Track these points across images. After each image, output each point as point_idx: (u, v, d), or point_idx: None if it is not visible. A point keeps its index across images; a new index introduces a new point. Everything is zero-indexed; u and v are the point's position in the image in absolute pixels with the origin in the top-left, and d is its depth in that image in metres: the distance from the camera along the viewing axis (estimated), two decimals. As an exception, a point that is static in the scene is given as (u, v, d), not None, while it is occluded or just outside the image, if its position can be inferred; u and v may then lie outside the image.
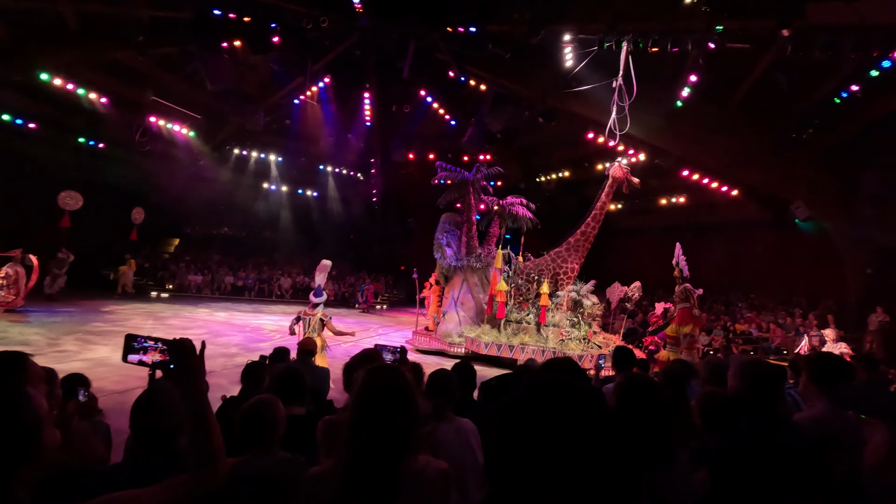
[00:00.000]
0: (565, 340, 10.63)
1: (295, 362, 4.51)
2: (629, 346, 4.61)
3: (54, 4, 10.79)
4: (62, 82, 13.30)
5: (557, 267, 12.12)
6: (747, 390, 1.96)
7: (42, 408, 0.99)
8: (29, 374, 1.38)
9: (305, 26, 12.01)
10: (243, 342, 10.91)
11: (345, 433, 1.43)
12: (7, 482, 0.90)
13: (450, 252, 12.58)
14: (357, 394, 1.46)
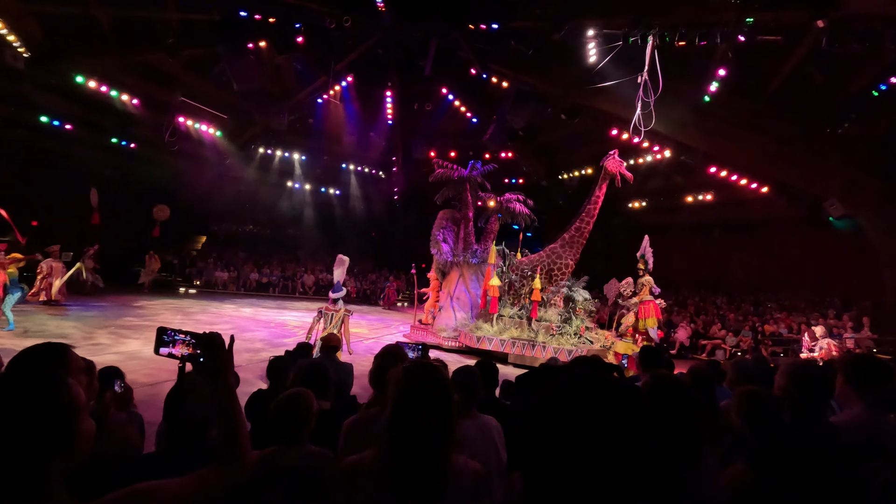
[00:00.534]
0: (555, 335, 10.72)
1: (319, 358, 4.57)
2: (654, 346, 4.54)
3: (90, 9, 11.14)
4: (96, 84, 13.76)
5: (552, 263, 12.08)
6: (795, 391, 1.95)
7: (80, 397, 1.03)
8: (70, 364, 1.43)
9: (329, 26, 12.14)
10: (268, 338, 11.11)
11: (386, 429, 1.44)
12: (42, 468, 0.93)
13: (446, 248, 12.78)
14: (398, 391, 1.46)
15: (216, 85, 15.30)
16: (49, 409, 0.95)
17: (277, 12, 12.11)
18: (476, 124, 18.38)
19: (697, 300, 17.30)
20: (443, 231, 13.01)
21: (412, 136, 20.42)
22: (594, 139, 16.95)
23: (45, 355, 1.38)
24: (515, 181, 22.50)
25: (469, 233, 12.70)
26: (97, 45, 12.55)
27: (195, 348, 1.49)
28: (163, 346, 1.50)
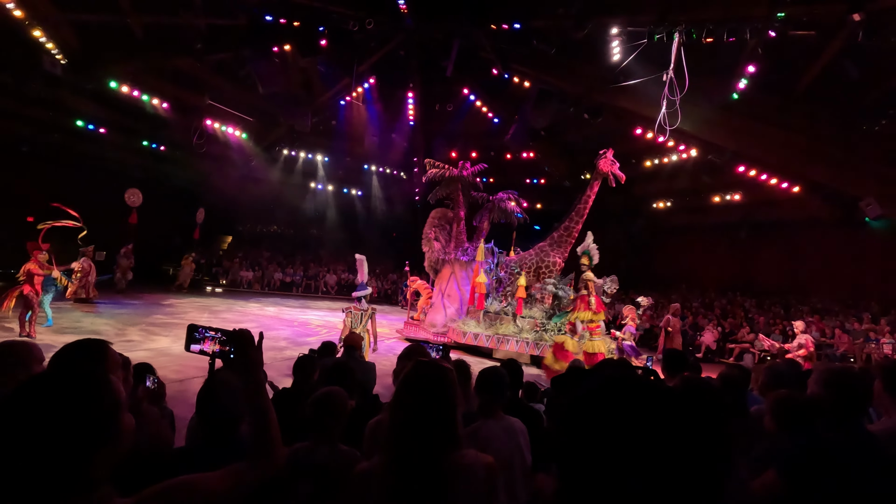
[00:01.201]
0: (539, 331, 10.88)
1: (343, 356, 4.62)
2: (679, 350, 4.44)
3: (123, 17, 11.50)
4: (128, 89, 14.21)
5: (540, 261, 12.37)
6: (831, 398, 1.88)
7: (122, 393, 1.06)
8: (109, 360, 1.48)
9: (352, 28, 12.27)
10: (292, 336, 11.28)
11: (386, 428, 1.45)
12: (88, 463, 0.96)
13: (438, 246, 13.00)
14: (398, 388, 1.48)
15: (242, 88, 15.63)
16: (94, 405, 0.98)
17: (302, 16, 12.29)
18: (498, 124, 18.32)
19: (724, 302, 16.89)
20: (435, 229, 13.25)
21: (434, 137, 20.48)
22: (618, 139, 16.69)
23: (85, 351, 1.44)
24: (537, 181, 22.35)
25: (461, 231, 12.97)
26: (129, 50, 12.95)
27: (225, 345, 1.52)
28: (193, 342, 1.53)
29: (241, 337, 1.37)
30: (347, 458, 1.93)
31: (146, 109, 15.48)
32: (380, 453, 1.49)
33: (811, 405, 1.98)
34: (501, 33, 12.72)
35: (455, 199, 13.03)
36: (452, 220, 13.15)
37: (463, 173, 12.78)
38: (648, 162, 16.79)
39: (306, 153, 21.36)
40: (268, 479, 1.27)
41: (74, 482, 0.94)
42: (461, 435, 1.48)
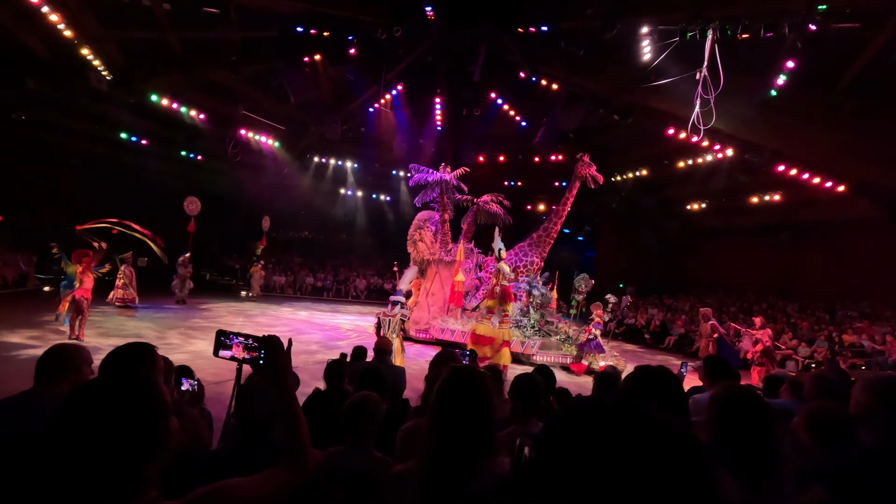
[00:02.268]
0: (511, 327, 10.93)
1: (374, 361, 4.67)
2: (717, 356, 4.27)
3: (162, 33, 12.01)
4: (168, 102, 14.81)
5: (518, 261, 12.79)
6: (882, 409, 1.76)
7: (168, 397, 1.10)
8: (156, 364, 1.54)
9: (380, 36, 12.44)
10: (323, 340, 11.47)
11: (424, 434, 1.45)
12: (140, 467, 0.98)
13: (422, 246, 13.37)
14: (435, 395, 1.48)
15: (274, 98, 16.05)
16: (148, 411, 1.01)
17: (331, 26, 12.55)
18: (525, 128, 18.21)
19: (764, 307, 16.24)
20: (420, 231, 13.60)
21: (461, 142, 20.51)
22: (649, 139, 16.37)
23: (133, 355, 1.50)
24: (566, 184, 22.09)
25: (445, 233, 13.35)
26: (169, 65, 13.51)
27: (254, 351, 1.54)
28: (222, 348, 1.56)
29: (271, 343, 1.38)
30: (381, 464, 1.94)
31: (184, 121, 16.12)
32: (416, 457, 1.49)
33: (850, 418, 1.86)
34: (528, 36, 12.66)
35: (440, 201, 13.42)
36: (436, 221, 13.57)
37: (445, 177, 13.12)
38: (681, 163, 16.32)
39: (336, 160, 21.74)
40: (302, 483, 1.28)
41: (127, 485, 0.96)
42: (495, 441, 1.48)
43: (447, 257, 12.96)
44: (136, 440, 0.98)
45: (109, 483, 0.94)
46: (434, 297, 12.95)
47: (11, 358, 7.13)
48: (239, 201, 20.83)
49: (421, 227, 13.72)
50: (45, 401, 1.90)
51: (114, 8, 10.76)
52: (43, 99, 13.22)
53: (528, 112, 17.56)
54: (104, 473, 0.94)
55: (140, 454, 0.98)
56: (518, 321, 11.52)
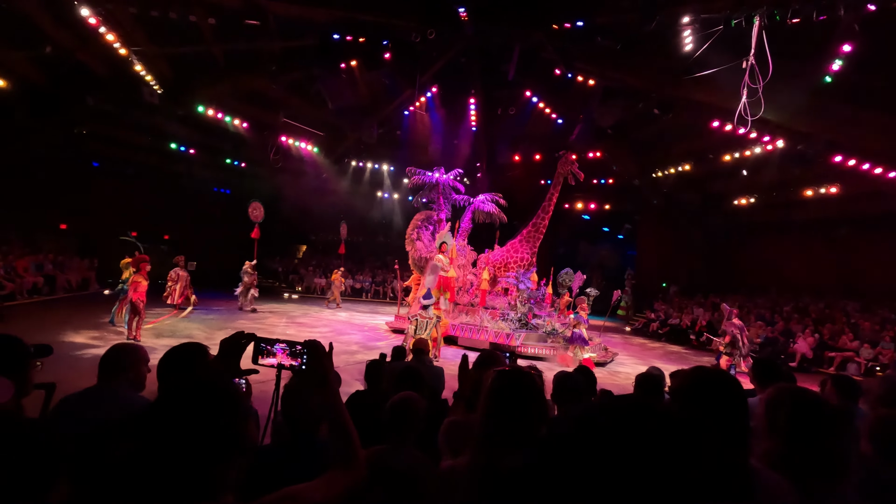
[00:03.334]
0: (497, 321, 11.84)
1: (412, 361, 4.71)
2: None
3: (207, 46, 12.56)
4: (213, 112, 15.47)
5: (509, 257, 13.43)
6: None
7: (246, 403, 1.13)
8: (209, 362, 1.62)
9: (414, 40, 12.56)
10: (363, 340, 11.67)
11: (477, 434, 1.46)
12: (223, 471, 1.00)
13: (420, 245, 13.95)
14: (488, 396, 1.48)
15: (313, 105, 16.49)
16: (231, 416, 1.03)
17: (367, 32, 12.78)
18: (562, 125, 17.94)
19: (822, 307, 15.35)
20: (418, 230, 14.18)
21: (496, 142, 20.43)
22: (692, 133, 15.78)
23: (188, 354, 1.59)
24: (605, 182, 21.60)
25: (456, 233, 13.96)
26: (213, 76, 14.12)
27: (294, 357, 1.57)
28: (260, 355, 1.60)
29: (314, 348, 1.40)
30: (424, 463, 1.96)
31: (228, 130, 16.81)
32: (467, 455, 1.50)
33: None
34: (563, 32, 12.47)
35: (437, 202, 14.01)
36: (433, 220, 14.14)
37: (441, 178, 13.71)
38: (727, 156, 15.63)
39: (373, 163, 22.09)
40: (359, 484, 1.28)
41: (209, 488, 0.98)
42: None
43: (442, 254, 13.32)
44: (219, 444, 1.00)
45: (193, 485, 0.96)
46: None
47: (76, 357, 7.62)
48: (280, 206, 21.49)
49: (419, 226, 14.26)
50: (108, 396, 2.08)
51: (163, 25, 11.33)
52: (101, 114, 14.08)
53: (565, 109, 17.29)
54: (188, 475, 0.96)
55: (222, 458, 1.00)
56: (505, 314, 12.06)
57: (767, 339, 13.67)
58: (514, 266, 13.24)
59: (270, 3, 11.09)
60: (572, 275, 13.07)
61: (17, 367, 1.67)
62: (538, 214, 13.38)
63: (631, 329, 18.57)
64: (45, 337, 2.09)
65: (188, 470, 0.97)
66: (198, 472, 0.97)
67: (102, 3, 10.18)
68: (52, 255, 15.29)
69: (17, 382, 1.64)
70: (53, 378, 2.12)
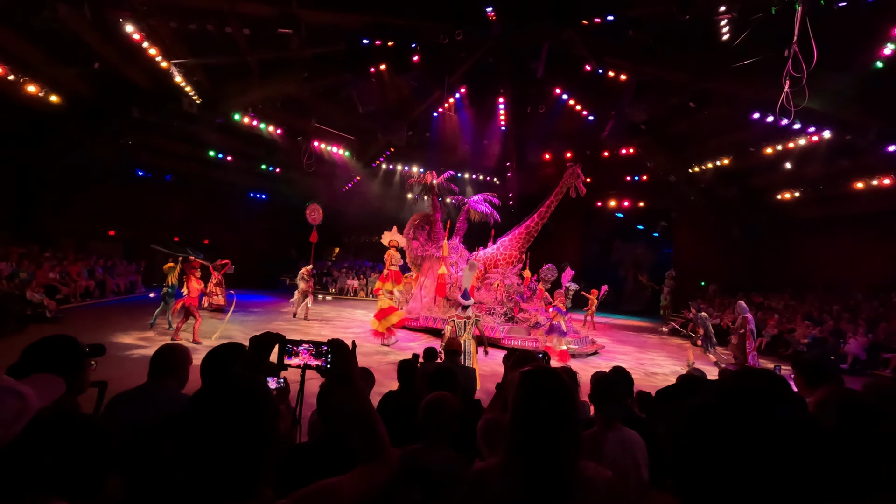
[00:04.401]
0: (484, 314, 12.19)
1: (445, 362, 4.73)
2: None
3: (242, 56, 12.97)
4: (248, 120, 15.96)
5: (499, 255, 13.97)
6: None
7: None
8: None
9: (442, 41, 12.60)
10: (396, 341, 11.77)
11: (508, 434, 1.45)
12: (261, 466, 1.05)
13: (416, 244, 14.58)
14: (518, 395, 1.47)
15: (344, 109, 16.78)
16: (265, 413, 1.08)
17: (395, 35, 12.91)
18: (593, 122, 17.62)
19: (876, 305, 14.51)
20: (414, 230, 14.83)
21: (526, 141, 20.26)
22: (731, 126, 15.20)
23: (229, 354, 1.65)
24: (638, 178, 21.10)
25: (437, 231, 14.38)
26: (248, 85, 14.55)
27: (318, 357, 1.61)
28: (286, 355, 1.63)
29: (338, 346, 1.44)
30: (459, 462, 1.97)
31: (263, 136, 17.31)
32: (499, 455, 1.50)
33: None
34: (593, 28, 12.26)
35: (432, 202, 14.58)
36: (430, 221, 14.75)
37: (434, 181, 14.27)
38: (769, 149, 14.97)
39: (403, 165, 22.29)
40: (389, 479, 1.30)
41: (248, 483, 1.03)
42: (582, 446, 1.45)
43: (437, 254, 13.93)
44: (256, 440, 1.04)
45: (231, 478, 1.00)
46: (427, 290, 14.11)
47: (125, 357, 8.00)
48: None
49: (415, 226, 14.94)
50: (156, 394, 2.21)
51: (201, 37, 11.76)
52: (145, 125, 14.73)
53: (596, 106, 16.98)
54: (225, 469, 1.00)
55: (259, 453, 1.04)
56: (491, 308, 12.74)
57: (815, 339, 13.04)
58: (503, 263, 13.87)
59: (302, 11, 11.33)
60: (555, 270, 13.87)
61: (74, 366, 1.77)
62: (533, 219, 13.76)
63: (668, 329, 18.05)
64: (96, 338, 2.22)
65: (224, 464, 1.00)
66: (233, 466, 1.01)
67: (145, 19, 10.65)
68: (102, 261, 16.11)
69: (74, 380, 1.74)
70: (104, 377, 2.23)
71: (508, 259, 13.87)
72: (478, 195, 15.08)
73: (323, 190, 21.10)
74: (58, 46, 11.25)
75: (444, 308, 13.26)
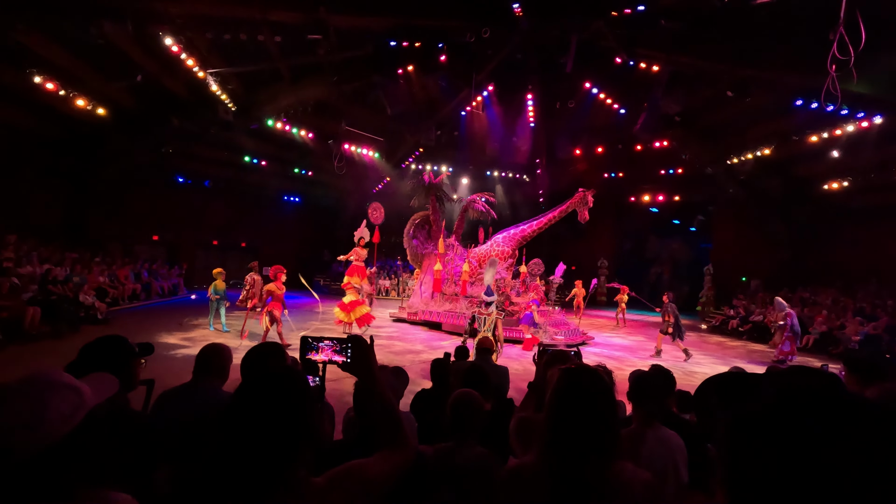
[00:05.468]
0: (475, 307, 12.67)
1: (476, 360, 4.73)
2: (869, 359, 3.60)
3: (273, 63, 13.30)
4: (281, 125, 16.37)
5: (493, 251, 14.44)
6: None
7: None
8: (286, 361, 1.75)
9: (469, 40, 12.58)
10: (427, 340, 11.85)
11: (544, 433, 1.44)
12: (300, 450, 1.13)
13: (416, 243, 15.59)
14: (555, 393, 1.46)
15: (372, 111, 16.99)
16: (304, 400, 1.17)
17: (422, 36, 12.97)
18: (625, 115, 17.22)
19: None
20: (414, 228, 15.76)
21: (556, 136, 20.01)
22: (772, 114, 14.56)
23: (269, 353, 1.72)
24: (673, 172, 20.49)
25: (436, 230, 15.08)
26: (280, 90, 14.92)
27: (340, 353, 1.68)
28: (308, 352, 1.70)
29: (358, 342, 1.52)
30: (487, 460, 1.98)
31: (295, 140, 17.72)
32: (533, 453, 1.50)
33: None
34: (623, 19, 11.98)
35: (431, 203, 15.28)
36: (430, 221, 15.53)
37: (435, 181, 15.00)
38: (814, 137, 14.25)
39: (432, 165, 22.38)
40: (410, 464, 1.39)
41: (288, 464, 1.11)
42: (619, 446, 1.44)
43: (435, 250, 14.76)
44: (296, 428, 1.13)
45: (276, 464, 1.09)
46: (426, 285, 15.00)
47: (169, 356, 8.35)
48: (344, 211, 22.32)
49: (415, 224, 15.89)
50: (200, 391, 2.34)
51: (235, 46, 12.13)
52: (184, 133, 15.33)
53: (627, 99, 16.59)
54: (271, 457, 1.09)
55: (298, 440, 1.13)
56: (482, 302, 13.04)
57: (868, 336, 12.36)
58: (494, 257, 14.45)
59: (331, 16, 11.52)
60: (541, 265, 15.14)
61: (126, 364, 1.88)
62: (532, 227, 14.36)
63: (707, 327, 17.48)
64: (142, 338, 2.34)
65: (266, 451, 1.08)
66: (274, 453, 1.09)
67: (183, 32, 11.06)
68: (147, 264, 16.85)
69: (125, 378, 1.84)
70: (151, 375, 2.35)
71: (501, 255, 14.33)
72: (474, 195, 15.64)
73: (353, 191, 21.45)
74: (103, 61, 11.84)
75: (439, 302, 14.12)
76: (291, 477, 1.11)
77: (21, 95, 12.03)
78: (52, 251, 12.87)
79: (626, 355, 11.24)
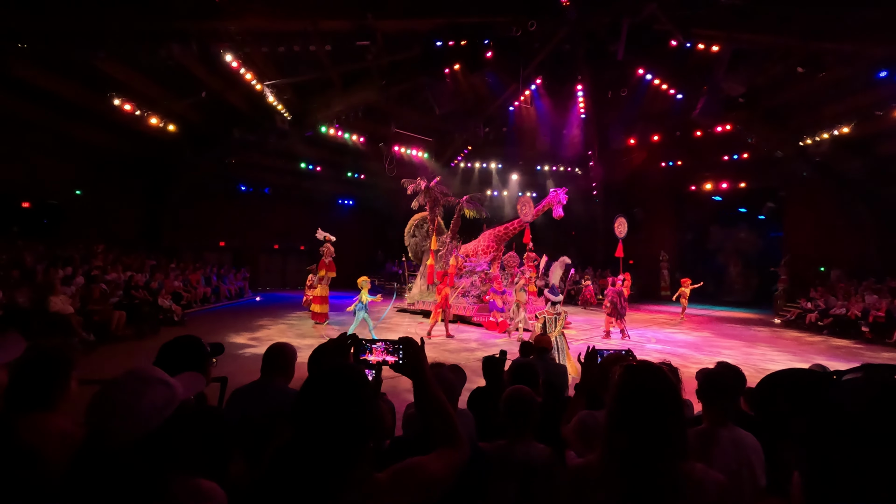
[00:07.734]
0: (460, 297, 14.34)
1: (533, 358, 4.70)
2: None
3: (325, 71, 13.76)
4: (334, 131, 16.91)
5: (479, 247, 16.04)
6: None
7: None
8: (349, 359, 1.84)
9: (515, 34, 12.43)
10: (481, 338, 11.87)
11: (607, 432, 1.42)
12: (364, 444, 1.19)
13: (415, 241, 17.45)
14: (618, 392, 1.43)
15: (421, 112, 17.19)
16: (367, 398, 1.22)
17: (467, 34, 12.95)
18: (682, 101, 16.36)
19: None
20: (415, 228, 17.42)
21: (608, 127, 19.37)
22: (849, 89, 13.33)
23: (335, 351, 1.81)
24: (738, 157, 19.28)
25: (431, 228, 16.31)
26: (332, 97, 15.41)
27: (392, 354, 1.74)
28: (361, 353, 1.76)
29: (409, 343, 1.57)
30: (544, 455, 1.98)
31: (348, 145, 18.25)
32: (599, 452, 1.48)
33: None
34: (678, -2, 11.41)
35: (428, 203, 16.16)
36: (428, 220, 16.61)
37: (431, 185, 15.75)
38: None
39: (481, 162, 22.34)
40: (465, 463, 1.41)
41: (353, 459, 1.16)
42: (688, 445, 1.39)
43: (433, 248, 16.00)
44: (359, 421, 1.18)
45: (341, 459, 1.14)
46: (423, 278, 16.16)
47: (238, 355, 8.85)
48: (396, 213, 22.75)
49: (415, 225, 17.39)
50: (269, 389, 2.49)
51: (288, 58, 12.66)
52: (245, 143, 16.19)
53: (685, 83, 15.72)
54: (337, 451, 1.14)
55: (362, 432, 1.19)
56: (466, 291, 14.68)
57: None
58: (481, 253, 15.86)
59: (378, 22, 11.76)
60: (517, 257, 16.24)
61: (201, 362, 2.02)
62: (514, 224, 15.36)
63: (781, 321, 16.33)
64: (214, 338, 2.52)
65: (332, 443, 1.13)
66: (340, 445, 1.14)
67: (241, 48, 11.68)
68: (216, 269, 17.95)
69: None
70: (223, 373, 2.51)
71: (485, 250, 15.78)
72: (467, 195, 16.79)
73: (404, 193, 21.79)
74: (172, 81, 12.73)
75: (430, 293, 15.20)
76: (356, 472, 1.15)
77: (104, 117, 13.17)
78: (133, 259, 13.99)
79: (690, 352, 10.73)
